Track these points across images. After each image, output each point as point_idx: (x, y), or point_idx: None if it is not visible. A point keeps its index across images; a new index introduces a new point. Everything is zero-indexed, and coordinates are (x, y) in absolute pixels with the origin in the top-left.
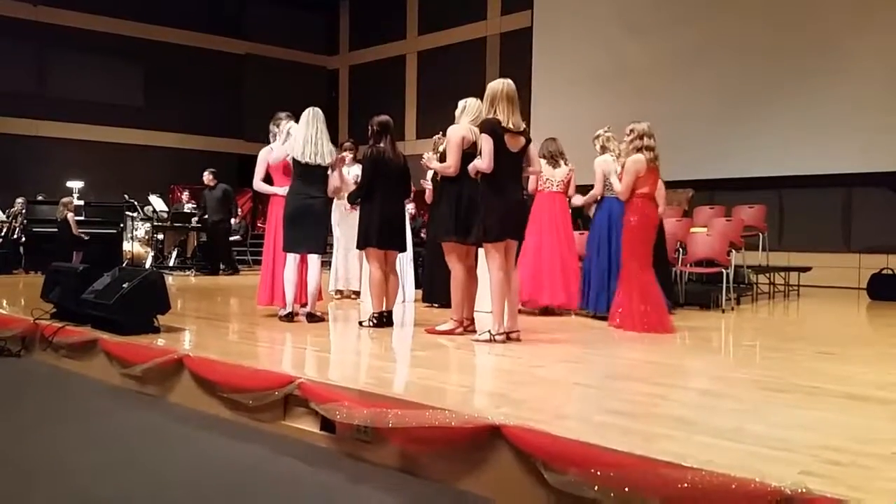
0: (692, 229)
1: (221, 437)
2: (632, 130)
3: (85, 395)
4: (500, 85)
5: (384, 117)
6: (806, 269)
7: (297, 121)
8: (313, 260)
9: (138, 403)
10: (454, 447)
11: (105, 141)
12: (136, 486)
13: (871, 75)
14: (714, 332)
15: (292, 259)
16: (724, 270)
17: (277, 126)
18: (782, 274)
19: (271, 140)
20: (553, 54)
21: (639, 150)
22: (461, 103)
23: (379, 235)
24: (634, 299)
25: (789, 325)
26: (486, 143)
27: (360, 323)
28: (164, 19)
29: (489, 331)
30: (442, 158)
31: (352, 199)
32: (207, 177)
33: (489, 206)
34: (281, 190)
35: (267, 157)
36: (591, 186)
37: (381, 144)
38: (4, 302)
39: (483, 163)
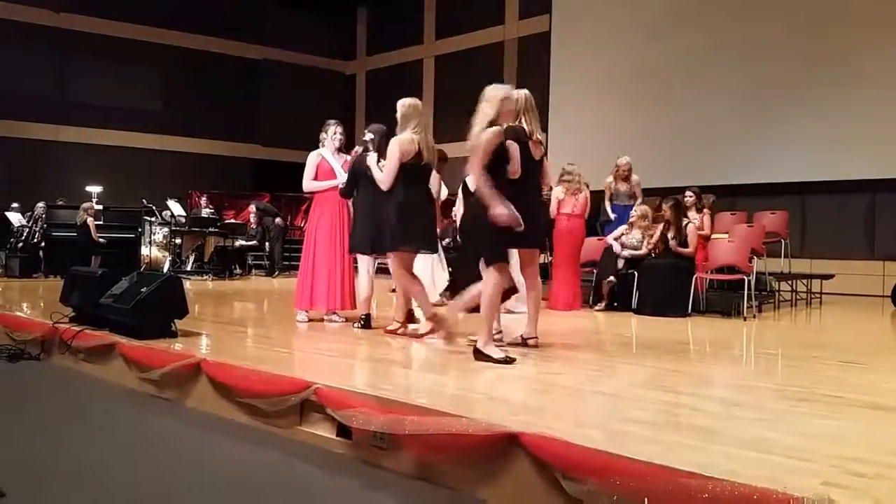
0: (713, 235)
1: (238, 442)
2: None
3: (103, 398)
4: (521, 96)
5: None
6: (829, 277)
7: (344, 128)
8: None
9: (155, 407)
10: (471, 455)
11: (124, 146)
12: (152, 489)
13: None
14: (736, 341)
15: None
16: (745, 277)
17: (326, 132)
18: (804, 281)
19: (320, 146)
20: (571, 58)
21: (559, 182)
22: (400, 107)
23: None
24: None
25: (812, 334)
26: (513, 150)
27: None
28: (183, 25)
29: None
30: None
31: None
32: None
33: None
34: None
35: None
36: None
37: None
38: (25, 306)
39: (511, 168)
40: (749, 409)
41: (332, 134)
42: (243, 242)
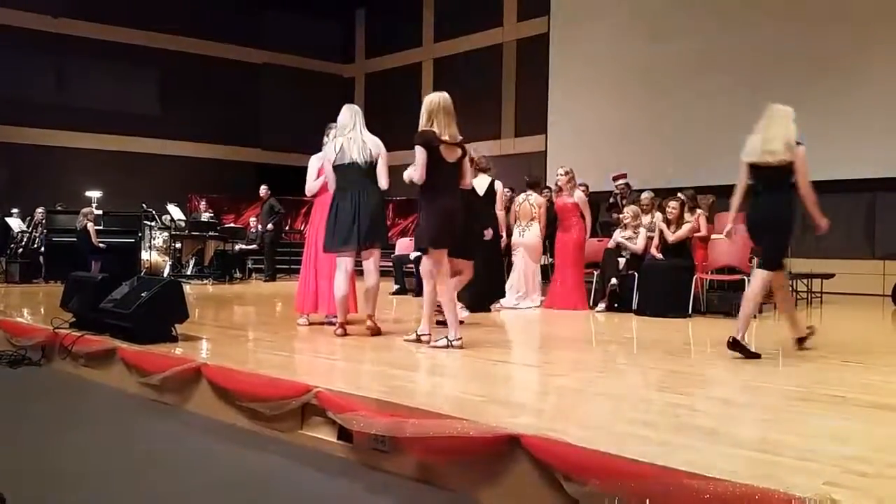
0: (713, 236)
1: (239, 447)
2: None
3: (103, 403)
4: (437, 98)
5: None
6: (829, 276)
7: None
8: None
9: (156, 412)
10: (473, 457)
11: (123, 150)
12: (153, 494)
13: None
14: None
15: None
16: (745, 278)
17: (327, 135)
18: (805, 281)
19: (324, 149)
20: (570, 60)
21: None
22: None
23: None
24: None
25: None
26: (419, 155)
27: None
28: (182, 29)
29: (446, 337)
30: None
31: None
32: (263, 191)
33: (423, 216)
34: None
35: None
36: (607, 193)
37: None
38: (25, 311)
39: (416, 174)
40: (750, 410)
41: (333, 137)
42: (243, 246)
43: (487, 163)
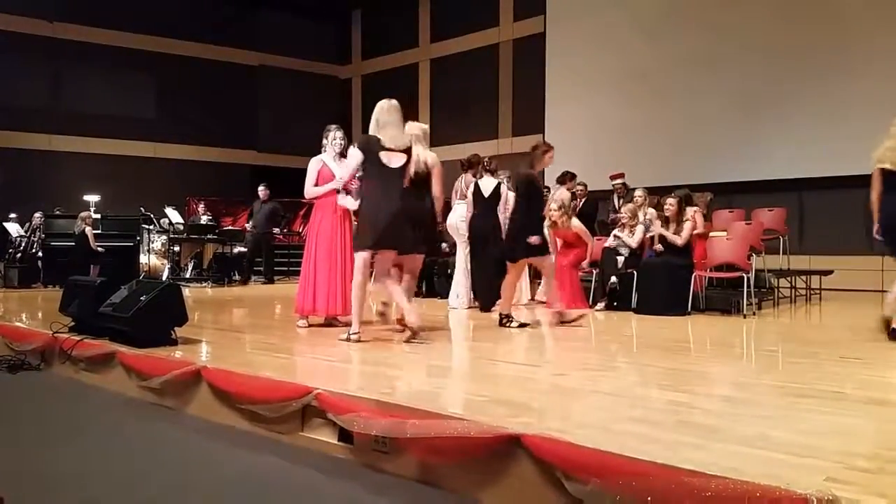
0: (711, 233)
1: (239, 449)
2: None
3: (103, 408)
4: (385, 105)
5: None
6: (828, 273)
7: (345, 133)
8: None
9: (156, 416)
10: (473, 457)
11: (121, 154)
12: (154, 497)
13: (892, 74)
14: (736, 338)
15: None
16: (744, 275)
17: (326, 137)
18: (804, 278)
19: (322, 151)
20: (566, 59)
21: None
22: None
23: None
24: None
25: (812, 330)
26: (353, 158)
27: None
28: (177, 32)
29: (349, 332)
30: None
31: None
32: (262, 191)
33: (364, 216)
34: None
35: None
36: (605, 192)
37: None
38: (24, 316)
39: (346, 173)
40: (750, 407)
41: (333, 139)
42: (241, 249)
43: (495, 165)
